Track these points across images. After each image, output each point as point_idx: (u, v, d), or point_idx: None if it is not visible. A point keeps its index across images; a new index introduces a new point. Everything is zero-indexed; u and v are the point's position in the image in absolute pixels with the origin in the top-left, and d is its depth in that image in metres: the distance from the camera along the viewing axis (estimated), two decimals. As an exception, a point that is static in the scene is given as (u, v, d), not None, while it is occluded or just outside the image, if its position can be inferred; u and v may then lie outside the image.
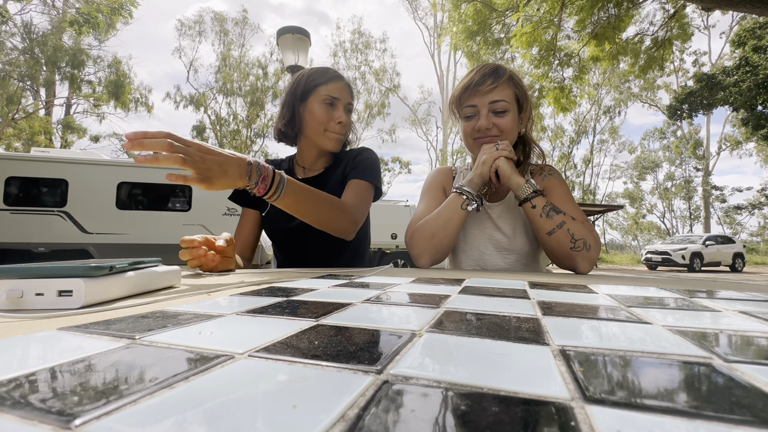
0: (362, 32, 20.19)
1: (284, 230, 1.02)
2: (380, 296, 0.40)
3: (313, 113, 0.99)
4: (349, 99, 1.03)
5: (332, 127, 0.99)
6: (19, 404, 0.14)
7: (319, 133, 1.00)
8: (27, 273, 0.34)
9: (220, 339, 0.23)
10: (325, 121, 0.99)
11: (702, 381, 0.18)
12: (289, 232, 1.02)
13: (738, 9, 4.33)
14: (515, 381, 0.17)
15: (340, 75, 1.03)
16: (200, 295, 0.41)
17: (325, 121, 0.99)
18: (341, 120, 0.99)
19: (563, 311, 0.33)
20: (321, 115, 0.98)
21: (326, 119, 0.99)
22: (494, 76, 0.91)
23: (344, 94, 1.01)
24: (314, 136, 1.01)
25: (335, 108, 1.00)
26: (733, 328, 0.29)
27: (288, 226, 1.01)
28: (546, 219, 0.83)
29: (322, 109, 0.99)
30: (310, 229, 0.98)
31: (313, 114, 0.99)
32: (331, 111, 0.99)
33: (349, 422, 0.13)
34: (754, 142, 17.97)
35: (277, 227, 1.04)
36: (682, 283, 0.60)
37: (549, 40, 5.74)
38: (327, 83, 1.00)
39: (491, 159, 0.88)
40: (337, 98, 1.00)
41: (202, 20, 18.02)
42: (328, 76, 1.01)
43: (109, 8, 7.07)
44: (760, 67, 8.06)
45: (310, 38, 4.10)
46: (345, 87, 1.02)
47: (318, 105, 0.99)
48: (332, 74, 1.02)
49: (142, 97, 15.73)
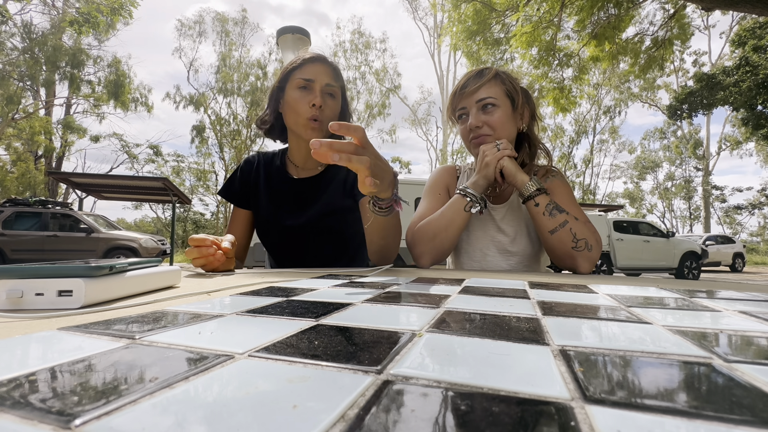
0: (362, 32, 20.20)
1: (286, 228, 0.98)
2: (380, 296, 0.40)
3: (289, 102, 0.92)
4: (327, 80, 0.92)
5: (307, 112, 0.89)
6: (19, 404, 0.14)
7: (297, 123, 0.91)
8: (27, 273, 0.34)
9: (220, 339, 0.23)
10: (301, 107, 0.90)
11: (702, 381, 0.18)
12: (290, 231, 0.98)
13: (738, 9, 4.33)
14: (515, 381, 0.17)
15: (317, 56, 0.94)
16: (200, 295, 0.41)
17: (301, 107, 0.90)
18: (315, 102, 0.89)
19: (563, 311, 0.33)
20: (295, 101, 0.90)
21: (301, 105, 0.90)
22: (479, 76, 0.93)
23: (321, 75, 0.91)
24: (295, 127, 0.93)
25: (310, 91, 0.90)
26: (733, 328, 0.28)
27: (290, 224, 0.97)
28: (549, 217, 0.84)
29: (297, 95, 0.90)
30: (311, 229, 0.98)
31: (288, 103, 0.92)
32: (306, 95, 0.90)
33: (349, 422, 0.13)
34: (754, 142, 17.99)
35: (273, 227, 0.99)
36: (682, 283, 0.60)
37: (548, 40, 5.74)
38: (301, 66, 0.92)
39: (495, 160, 0.88)
40: (311, 80, 0.90)
41: (202, 20, 18.02)
42: (302, 58, 0.93)
43: (109, 8, 7.07)
44: (760, 66, 8.05)
45: (310, 38, 4.10)
46: (322, 67, 0.92)
47: (292, 92, 0.91)
48: (308, 56, 0.93)
49: (141, 96, 15.74)
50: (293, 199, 0.99)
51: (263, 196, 1.01)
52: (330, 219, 0.97)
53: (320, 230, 0.97)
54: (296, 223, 0.97)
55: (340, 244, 0.99)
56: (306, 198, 0.99)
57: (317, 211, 0.97)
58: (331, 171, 1.01)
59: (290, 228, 0.98)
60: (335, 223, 0.98)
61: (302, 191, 0.99)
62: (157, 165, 18.48)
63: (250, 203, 1.03)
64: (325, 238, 0.98)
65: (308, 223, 0.97)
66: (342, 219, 0.98)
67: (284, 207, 0.99)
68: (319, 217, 0.97)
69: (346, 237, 1.00)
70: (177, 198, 6.43)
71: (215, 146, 18.23)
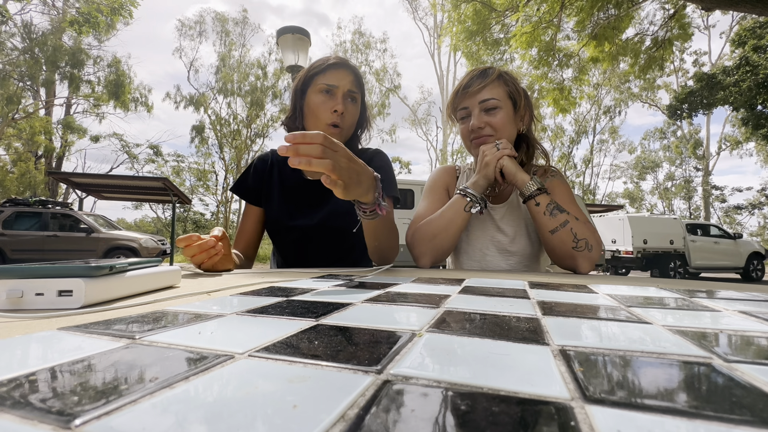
0: (362, 32, 20.21)
1: (296, 228, 0.98)
2: (380, 296, 0.40)
3: (310, 105, 0.93)
4: (350, 86, 0.93)
5: (328, 118, 0.90)
6: (19, 404, 0.14)
7: (318, 127, 0.91)
8: (27, 273, 0.34)
9: (220, 339, 0.23)
10: (322, 113, 0.91)
11: (702, 381, 0.18)
12: (301, 231, 0.98)
13: (738, 9, 4.33)
14: (515, 381, 0.17)
15: (341, 61, 0.94)
16: (200, 295, 0.41)
17: (322, 113, 0.91)
18: (336, 108, 0.89)
19: (563, 311, 0.33)
20: (317, 106, 0.91)
21: (323, 110, 0.91)
22: (482, 76, 0.92)
23: (344, 81, 0.92)
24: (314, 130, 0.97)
25: (333, 96, 0.91)
26: (733, 328, 0.29)
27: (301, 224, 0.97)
28: (550, 217, 0.84)
29: (319, 100, 0.91)
30: (321, 229, 0.98)
31: (309, 106, 0.93)
32: (328, 100, 0.91)
33: (349, 422, 0.13)
34: (754, 142, 17.98)
35: (284, 227, 0.99)
36: (682, 283, 0.60)
37: (548, 41, 5.74)
38: (324, 71, 0.92)
39: (494, 159, 0.88)
40: (334, 85, 0.91)
41: (202, 20, 18.03)
42: (326, 63, 0.93)
43: (109, 8, 7.07)
44: (760, 66, 8.05)
45: (310, 38, 4.10)
46: (345, 74, 0.93)
47: (314, 96, 0.92)
48: (331, 61, 0.93)
49: (141, 96, 15.74)
50: (306, 200, 1.00)
51: (276, 194, 1.01)
52: (339, 220, 0.98)
53: (329, 231, 0.98)
54: (307, 224, 0.97)
55: (347, 244, 1.00)
56: (318, 199, 0.99)
57: (327, 212, 0.98)
58: None
59: (301, 228, 0.98)
60: (344, 224, 0.98)
61: (314, 192, 1.00)
62: (157, 165, 18.48)
63: (262, 201, 1.03)
64: (334, 238, 0.98)
65: (318, 223, 0.97)
66: (351, 219, 0.99)
67: (297, 207, 1.00)
68: (329, 218, 0.97)
69: (353, 238, 1.00)
70: (177, 198, 6.43)
71: (215, 146, 18.24)
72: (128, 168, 18.15)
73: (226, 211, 16.76)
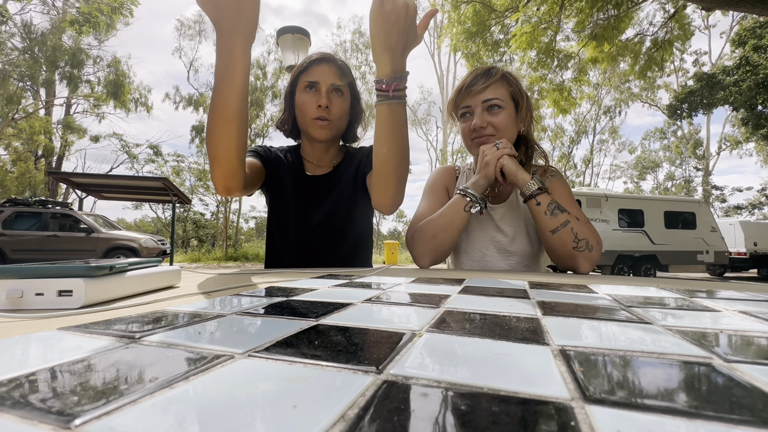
0: (362, 32, 20.20)
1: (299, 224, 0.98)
2: (380, 296, 0.40)
3: (298, 104, 0.95)
4: (333, 79, 0.93)
5: (314, 113, 0.92)
6: (19, 404, 0.14)
7: (306, 123, 0.94)
8: (27, 273, 0.34)
9: (220, 339, 0.23)
10: (308, 109, 0.92)
11: (702, 381, 0.18)
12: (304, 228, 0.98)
13: (738, 9, 4.33)
14: (515, 381, 0.17)
15: (323, 57, 0.95)
16: (200, 295, 0.41)
17: (308, 109, 0.92)
18: (321, 103, 0.91)
19: (563, 311, 0.33)
20: (303, 103, 0.93)
21: (309, 106, 0.92)
22: (486, 76, 0.92)
23: (326, 76, 0.92)
24: (305, 128, 0.96)
25: (317, 92, 0.92)
26: (733, 328, 0.28)
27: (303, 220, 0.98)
28: (550, 217, 0.83)
29: (305, 97, 0.93)
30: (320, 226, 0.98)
31: (298, 105, 0.95)
32: (312, 96, 0.92)
33: (349, 422, 0.13)
34: (754, 142, 17.97)
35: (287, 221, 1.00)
36: (682, 283, 0.60)
37: (548, 42, 5.74)
38: (307, 69, 0.93)
39: (494, 159, 0.88)
40: (316, 81, 0.92)
41: (202, 20, 18.00)
42: (309, 60, 0.94)
43: (109, 8, 7.07)
44: (760, 66, 8.05)
45: (310, 38, 4.10)
46: (327, 67, 0.93)
47: (300, 94, 0.94)
48: (314, 57, 0.94)
49: (141, 96, 15.73)
50: (308, 195, 1.01)
51: (287, 183, 1.01)
52: (337, 217, 0.99)
53: (328, 227, 0.99)
54: (309, 220, 0.98)
55: (343, 241, 1.00)
56: (319, 194, 1.01)
57: (328, 208, 0.99)
58: (341, 168, 1.03)
59: (304, 224, 0.99)
60: (341, 220, 1.00)
61: (316, 188, 1.01)
62: (157, 165, 18.45)
63: (269, 175, 1.00)
64: (332, 235, 0.99)
65: (319, 220, 0.98)
66: (349, 215, 1.01)
67: (301, 201, 1.01)
68: (329, 214, 0.99)
69: (349, 234, 1.02)
70: (177, 198, 6.42)
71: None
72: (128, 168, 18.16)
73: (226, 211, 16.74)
